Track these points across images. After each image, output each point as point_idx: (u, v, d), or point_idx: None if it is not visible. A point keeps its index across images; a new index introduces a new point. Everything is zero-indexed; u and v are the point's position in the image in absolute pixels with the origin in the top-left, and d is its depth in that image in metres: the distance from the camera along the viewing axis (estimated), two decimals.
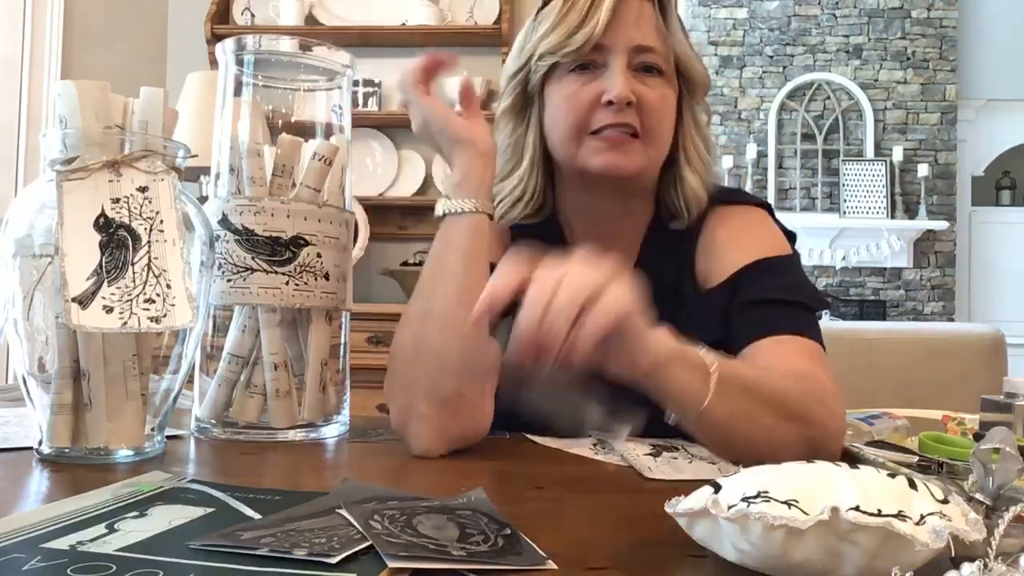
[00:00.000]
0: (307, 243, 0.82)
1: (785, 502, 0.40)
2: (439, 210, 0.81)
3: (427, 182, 3.19)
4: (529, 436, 0.87)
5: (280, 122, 0.88)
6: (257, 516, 0.50)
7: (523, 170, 0.95)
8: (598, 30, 0.86)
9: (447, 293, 0.78)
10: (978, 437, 0.77)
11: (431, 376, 0.77)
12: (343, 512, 0.50)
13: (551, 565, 0.43)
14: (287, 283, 0.81)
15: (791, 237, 0.96)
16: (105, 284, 0.66)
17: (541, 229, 0.95)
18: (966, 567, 0.34)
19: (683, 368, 0.67)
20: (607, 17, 0.86)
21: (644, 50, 0.89)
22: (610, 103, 0.86)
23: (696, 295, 0.92)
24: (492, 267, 0.78)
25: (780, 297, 0.85)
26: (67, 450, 0.68)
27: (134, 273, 0.67)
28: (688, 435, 0.80)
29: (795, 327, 0.83)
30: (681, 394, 0.68)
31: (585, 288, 0.60)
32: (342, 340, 0.89)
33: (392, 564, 0.41)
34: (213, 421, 0.83)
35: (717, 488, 0.44)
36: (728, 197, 0.97)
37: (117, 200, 0.68)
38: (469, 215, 0.80)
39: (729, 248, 0.91)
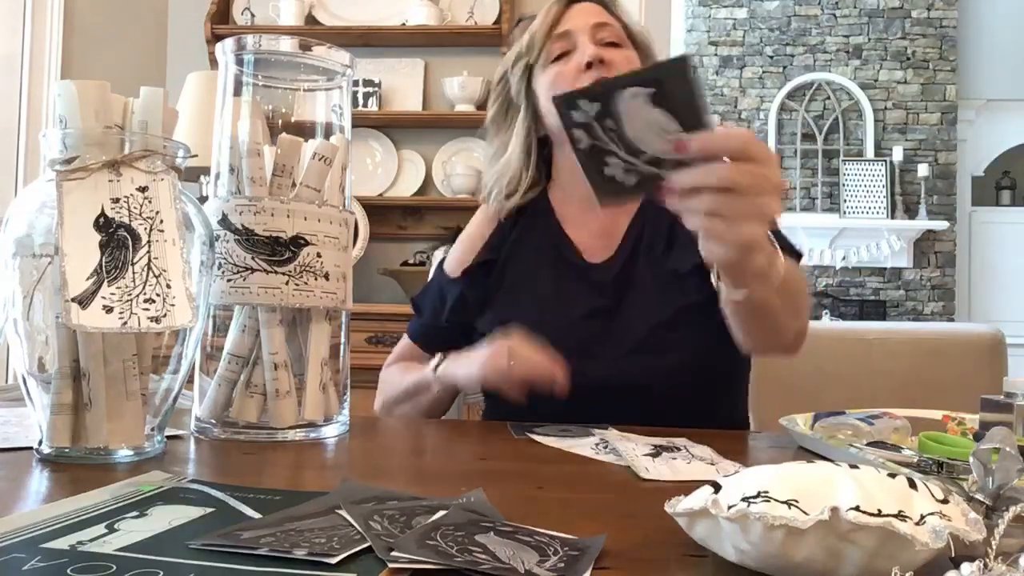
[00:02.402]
0: (307, 243, 0.82)
1: (785, 502, 0.40)
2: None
3: (427, 182, 3.19)
4: (530, 435, 0.87)
5: (280, 122, 0.88)
6: (257, 516, 0.50)
7: (506, 164, 1.15)
8: (555, 17, 1.07)
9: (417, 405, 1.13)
10: (978, 437, 0.77)
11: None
12: (343, 512, 0.50)
13: None
14: (287, 283, 0.81)
15: None
16: (105, 284, 0.66)
17: (533, 205, 1.17)
18: (966, 567, 0.34)
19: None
20: (559, 10, 1.08)
21: (602, 26, 1.08)
22: (589, 65, 1.04)
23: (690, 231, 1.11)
24: (483, 241, 1.17)
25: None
26: (67, 450, 0.68)
27: (134, 273, 0.67)
28: (689, 434, 0.85)
29: (786, 249, 1.02)
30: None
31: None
32: (342, 340, 0.89)
33: (392, 564, 0.41)
34: (213, 421, 0.83)
35: (717, 488, 0.44)
36: None
37: (117, 200, 0.68)
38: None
39: None
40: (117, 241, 0.67)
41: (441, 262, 1.22)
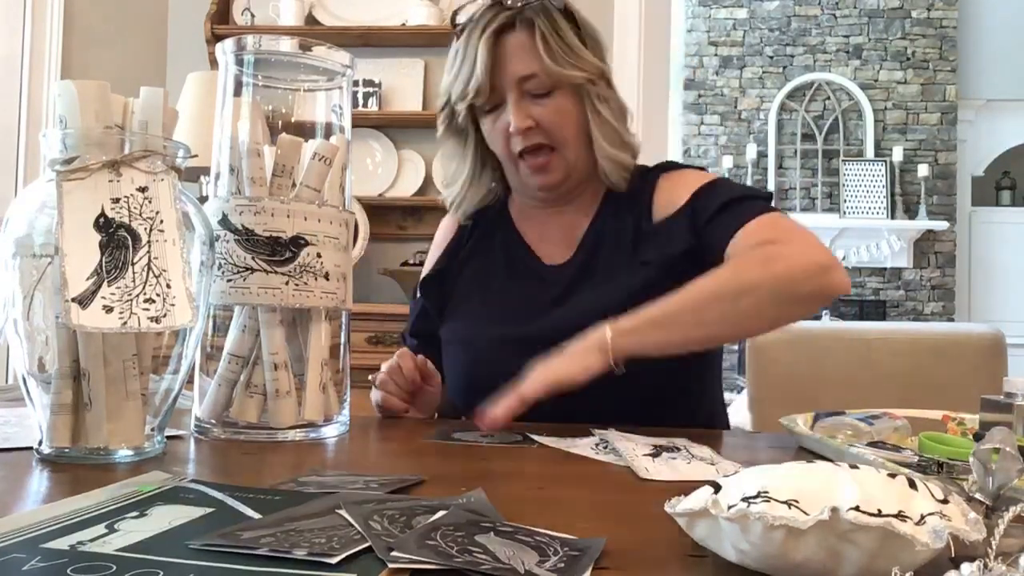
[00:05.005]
0: (307, 243, 0.82)
1: (785, 502, 0.40)
2: None
3: (427, 182, 3.19)
4: (530, 435, 0.87)
5: (280, 122, 0.88)
6: (257, 516, 0.50)
7: (464, 179, 1.17)
8: (481, 81, 1.04)
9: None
10: (978, 437, 0.77)
11: None
12: (343, 512, 0.50)
13: None
14: (287, 283, 0.81)
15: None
16: (105, 284, 0.66)
17: (491, 215, 1.20)
18: (966, 567, 0.34)
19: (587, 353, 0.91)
20: (485, 64, 1.03)
21: (527, 78, 1.05)
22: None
23: (656, 225, 1.08)
24: (446, 248, 1.22)
25: (732, 197, 1.03)
26: (67, 450, 0.68)
27: (134, 273, 0.67)
28: (688, 434, 0.84)
29: (752, 212, 1.00)
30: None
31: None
32: (342, 340, 0.89)
33: (392, 564, 0.41)
34: (213, 421, 0.83)
35: (717, 488, 0.44)
36: (675, 166, 1.16)
37: (117, 200, 0.68)
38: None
39: (679, 188, 1.09)
40: (117, 241, 0.67)
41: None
